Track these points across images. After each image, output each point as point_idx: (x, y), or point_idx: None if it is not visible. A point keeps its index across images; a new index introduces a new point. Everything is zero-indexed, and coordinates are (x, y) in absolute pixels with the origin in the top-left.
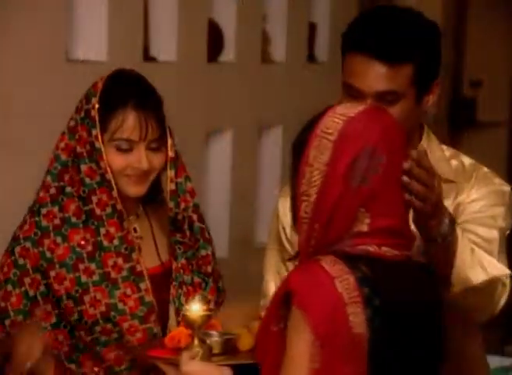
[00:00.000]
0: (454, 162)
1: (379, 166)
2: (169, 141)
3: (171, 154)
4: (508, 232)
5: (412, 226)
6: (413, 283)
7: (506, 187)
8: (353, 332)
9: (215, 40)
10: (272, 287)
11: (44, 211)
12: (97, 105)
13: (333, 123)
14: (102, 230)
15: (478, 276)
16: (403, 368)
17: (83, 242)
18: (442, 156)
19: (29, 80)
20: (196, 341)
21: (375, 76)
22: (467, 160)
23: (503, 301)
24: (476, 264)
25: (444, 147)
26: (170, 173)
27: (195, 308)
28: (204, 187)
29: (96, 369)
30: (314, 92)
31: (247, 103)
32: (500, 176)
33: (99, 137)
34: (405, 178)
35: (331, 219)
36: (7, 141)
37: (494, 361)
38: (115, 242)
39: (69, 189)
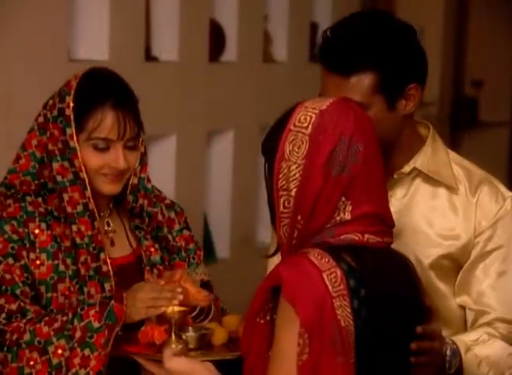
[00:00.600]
0: (458, 168)
1: (358, 154)
2: (141, 138)
3: (141, 150)
4: None
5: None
6: (396, 270)
7: None
8: (341, 325)
9: (216, 40)
10: None
11: (29, 199)
12: (71, 104)
13: (306, 117)
14: (74, 228)
15: None
16: (391, 355)
17: (63, 237)
18: (446, 160)
19: (30, 80)
20: (173, 337)
21: (335, 88)
22: (472, 168)
23: None
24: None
25: (449, 151)
26: (137, 168)
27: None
28: (206, 187)
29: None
30: (315, 92)
31: (249, 103)
32: (501, 175)
33: (74, 136)
34: (414, 346)
35: (313, 210)
36: (8, 141)
37: None
38: (86, 240)
39: (50, 185)
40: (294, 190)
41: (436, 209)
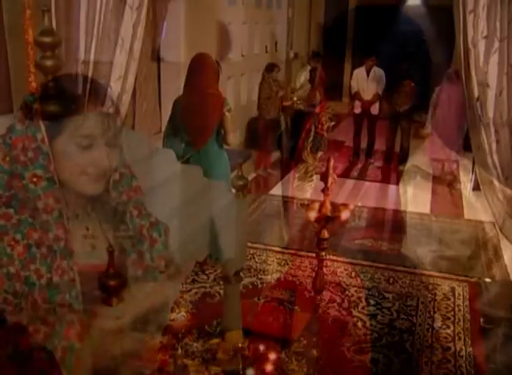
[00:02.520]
0: None
1: None
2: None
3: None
4: None
5: None
6: None
7: None
8: None
9: (223, 41)
10: None
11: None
12: (38, 109)
13: None
14: (51, 235)
15: None
16: None
17: (40, 243)
18: None
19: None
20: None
21: None
22: None
23: None
24: None
25: None
26: (118, 163)
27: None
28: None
29: None
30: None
31: (255, 101)
32: None
33: (45, 140)
34: None
35: None
36: None
37: None
38: (61, 244)
39: (20, 195)
40: None
41: None
